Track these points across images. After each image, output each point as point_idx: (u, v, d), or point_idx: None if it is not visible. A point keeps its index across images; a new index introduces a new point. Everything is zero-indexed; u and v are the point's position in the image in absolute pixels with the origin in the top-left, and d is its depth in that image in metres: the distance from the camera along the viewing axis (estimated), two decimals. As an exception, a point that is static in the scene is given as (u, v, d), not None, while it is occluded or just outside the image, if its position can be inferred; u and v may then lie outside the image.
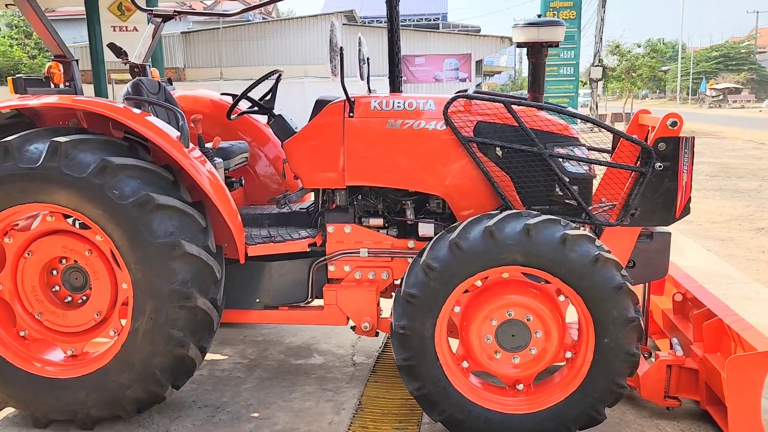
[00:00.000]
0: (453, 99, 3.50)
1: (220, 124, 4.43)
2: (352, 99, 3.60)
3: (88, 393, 3.38)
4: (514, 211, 3.15)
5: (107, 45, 4.37)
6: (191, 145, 3.48)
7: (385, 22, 3.97)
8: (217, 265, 3.40)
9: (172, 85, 4.91)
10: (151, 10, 4.52)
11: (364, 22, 36.10)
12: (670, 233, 3.58)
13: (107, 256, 3.40)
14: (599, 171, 3.72)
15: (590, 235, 3.05)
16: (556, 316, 3.16)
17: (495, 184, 3.44)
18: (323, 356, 4.46)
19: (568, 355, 3.21)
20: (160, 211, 3.21)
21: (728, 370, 2.97)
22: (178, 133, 3.42)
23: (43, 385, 3.41)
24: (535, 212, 3.12)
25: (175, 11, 4.58)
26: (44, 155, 3.15)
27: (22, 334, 3.54)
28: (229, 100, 4.31)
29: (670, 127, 3.33)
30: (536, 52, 3.64)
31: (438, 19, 48.82)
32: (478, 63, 29.31)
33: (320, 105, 3.71)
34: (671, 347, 3.58)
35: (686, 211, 3.44)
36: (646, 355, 3.81)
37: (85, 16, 17.35)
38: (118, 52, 4.40)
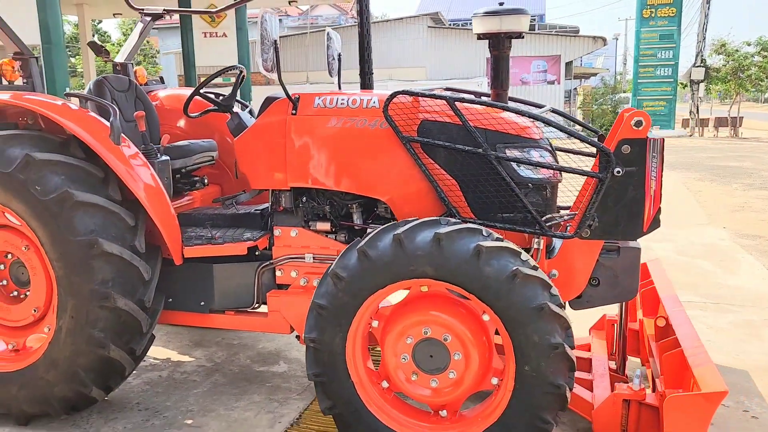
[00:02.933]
0: (393, 95, 3.22)
1: (197, 122, 4.37)
2: (296, 96, 3.42)
3: (19, 388, 3.38)
4: (430, 218, 2.83)
5: (87, 43, 4.42)
6: (123, 142, 3.40)
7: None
8: (144, 266, 3.31)
9: (163, 83, 4.94)
10: (142, 9, 4.54)
11: (457, 25, 35.64)
12: (639, 248, 3.14)
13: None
14: (580, 179, 3.33)
15: (512, 247, 2.69)
16: (480, 338, 2.82)
17: (439, 189, 3.13)
18: (289, 364, 4.29)
19: (495, 381, 2.85)
20: (81, 208, 3.15)
21: (666, 412, 2.51)
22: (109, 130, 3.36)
23: None
24: (454, 220, 2.80)
25: (164, 9, 4.58)
26: None
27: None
28: (210, 97, 4.22)
29: (634, 128, 2.91)
30: (498, 44, 3.31)
31: (534, 20, 47.47)
32: (568, 65, 28.06)
33: (268, 102, 3.55)
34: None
35: (656, 223, 3.02)
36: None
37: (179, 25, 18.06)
38: (98, 50, 4.45)
